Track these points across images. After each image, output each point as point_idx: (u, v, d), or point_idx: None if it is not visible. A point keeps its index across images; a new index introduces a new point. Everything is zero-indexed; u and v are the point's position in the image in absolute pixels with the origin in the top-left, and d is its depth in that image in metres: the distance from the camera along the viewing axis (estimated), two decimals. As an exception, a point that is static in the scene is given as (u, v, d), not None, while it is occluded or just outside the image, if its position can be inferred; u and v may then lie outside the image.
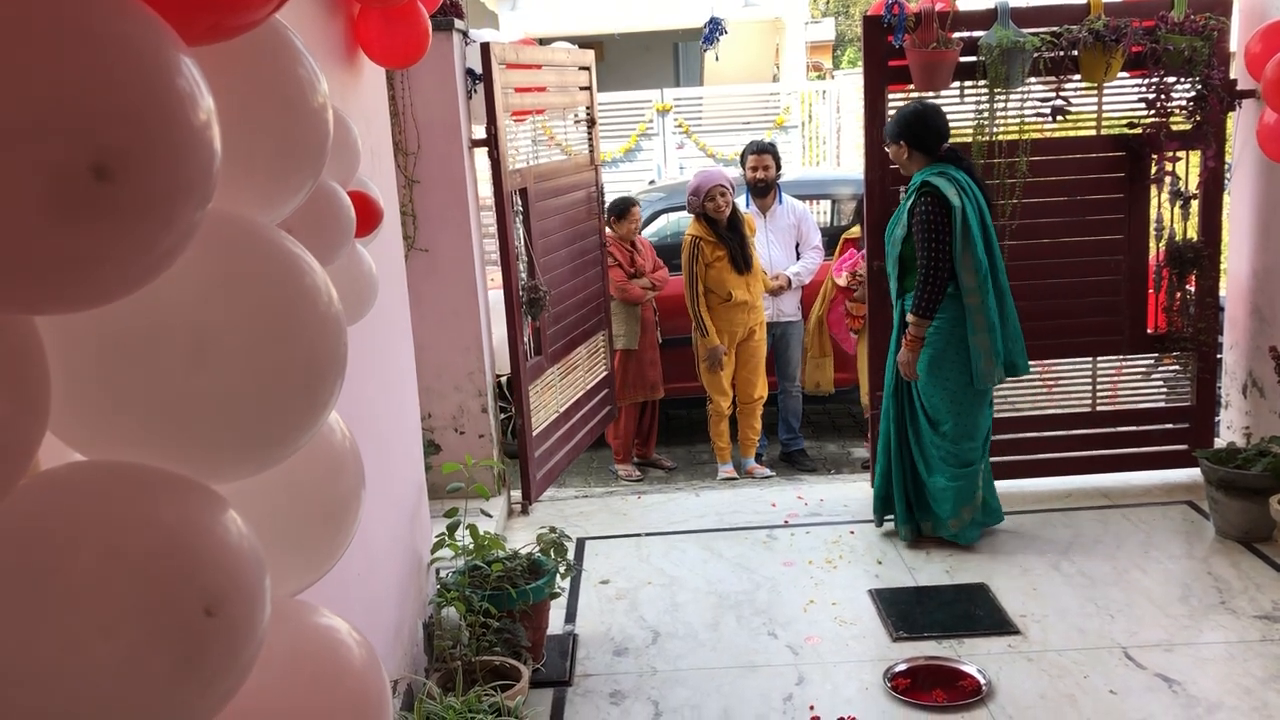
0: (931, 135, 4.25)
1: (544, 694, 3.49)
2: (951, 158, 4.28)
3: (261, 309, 1.04)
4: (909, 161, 4.31)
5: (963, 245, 4.14)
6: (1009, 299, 4.27)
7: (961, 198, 4.13)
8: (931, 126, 4.26)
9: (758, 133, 12.07)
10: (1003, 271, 4.26)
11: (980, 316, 4.18)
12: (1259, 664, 3.46)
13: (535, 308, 4.98)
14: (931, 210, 4.13)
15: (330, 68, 2.85)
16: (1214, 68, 4.56)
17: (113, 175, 0.78)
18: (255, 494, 1.11)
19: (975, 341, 4.20)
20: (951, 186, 4.13)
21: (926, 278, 4.17)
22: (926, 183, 4.17)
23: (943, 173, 4.19)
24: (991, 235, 4.24)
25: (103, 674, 0.84)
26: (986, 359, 4.20)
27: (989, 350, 4.19)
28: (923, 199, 4.16)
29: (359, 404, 2.90)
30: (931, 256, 4.14)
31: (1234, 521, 4.36)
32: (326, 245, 1.82)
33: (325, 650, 1.18)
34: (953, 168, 4.22)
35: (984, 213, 4.22)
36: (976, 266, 4.15)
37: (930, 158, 4.27)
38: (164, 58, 0.85)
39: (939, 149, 4.27)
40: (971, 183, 4.22)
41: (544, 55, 5.34)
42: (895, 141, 4.33)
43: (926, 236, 4.14)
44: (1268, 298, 4.81)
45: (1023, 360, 4.29)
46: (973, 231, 4.13)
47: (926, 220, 4.14)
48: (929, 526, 4.49)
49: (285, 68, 1.20)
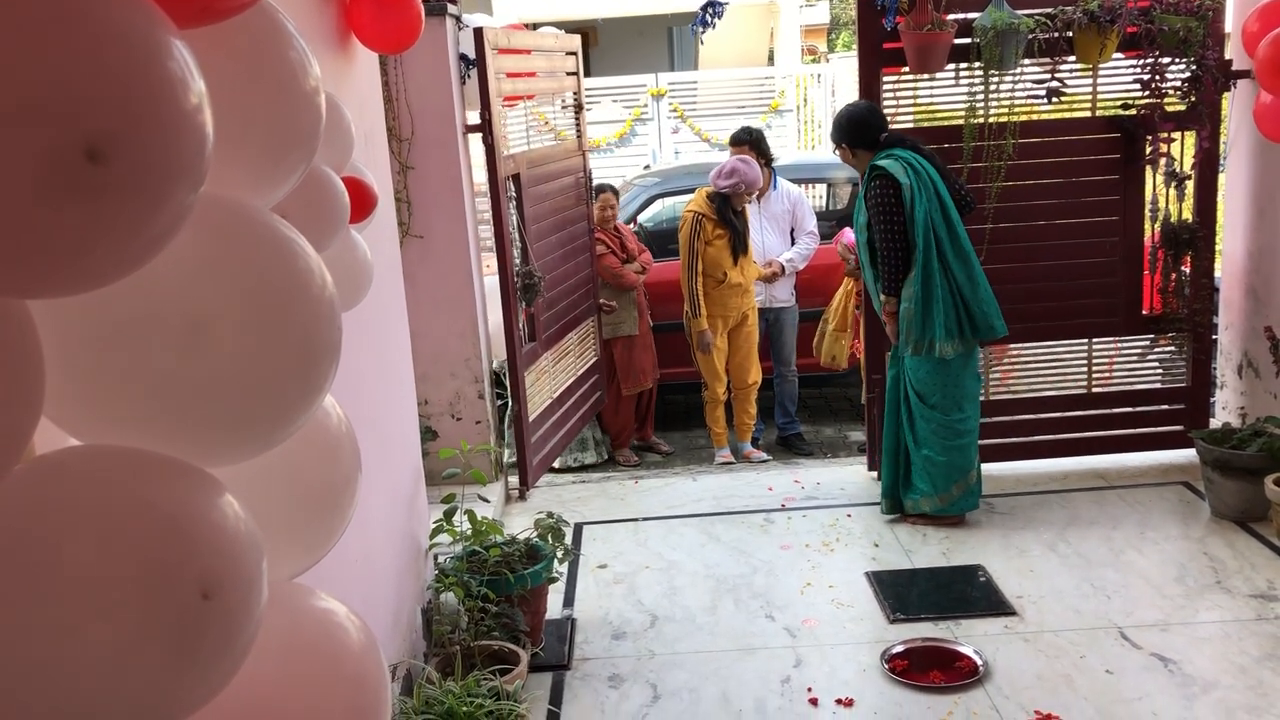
0: (868, 131, 4.43)
1: (543, 678, 3.51)
2: (895, 142, 4.39)
3: (255, 293, 1.04)
4: (856, 160, 4.50)
5: (909, 219, 4.24)
6: (974, 263, 4.32)
7: (909, 174, 4.24)
8: (864, 124, 4.43)
9: (753, 117, 12.04)
10: (965, 239, 4.32)
11: (912, 289, 4.27)
12: (1254, 643, 3.48)
13: (530, 293, 4.97)
14: (882, 190, 4.28)
15: (323, 53, 2.84)
16: (1209, 48, 4.55)
17: (105, 158, 0.78)
18: (251, 478, 1.11)
19: (903, 311, 4.32)
20: (899, 165, 4.26)
21: (885, 255, 4.31)
22: (875, 166, 4.33)
23: (889, 155, 4.32)
24: (949, 206, 4.30)
25: (99, 658, 0.84)
26: (916, 329, 4.28)
27: (913, 321, 4.28)
28: (873, 182, 4.32)
29: (355, 390, 2.90)
30: (887, 234, 4.28)
31: (1229, 502, 4.37)
32: (321, 231, 1.81)
33: (323, 633, 1.18)
34: (899, 149, 4.34)
35: (938, 185, 4.28)
36: (915, 243, 4.24)
37: (873, 151, 4.41)
38: (156, 41, 0.85)
39: (879, 140, 4.41)
40: (920, 159, 4.30)
41: (533, 40, 5.33)
42: (838, 146, 4.52)
43: (881, 216, 4.29)
44: (1263, 278, 4.81)
45: (999, 322, 4.33)
46: (917, 206, 4.22)
47: (879, 201, 4.29)
48: (911, 504, 4.51)
49: (277, 51, 1.19)
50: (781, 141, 11.96)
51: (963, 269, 4.27)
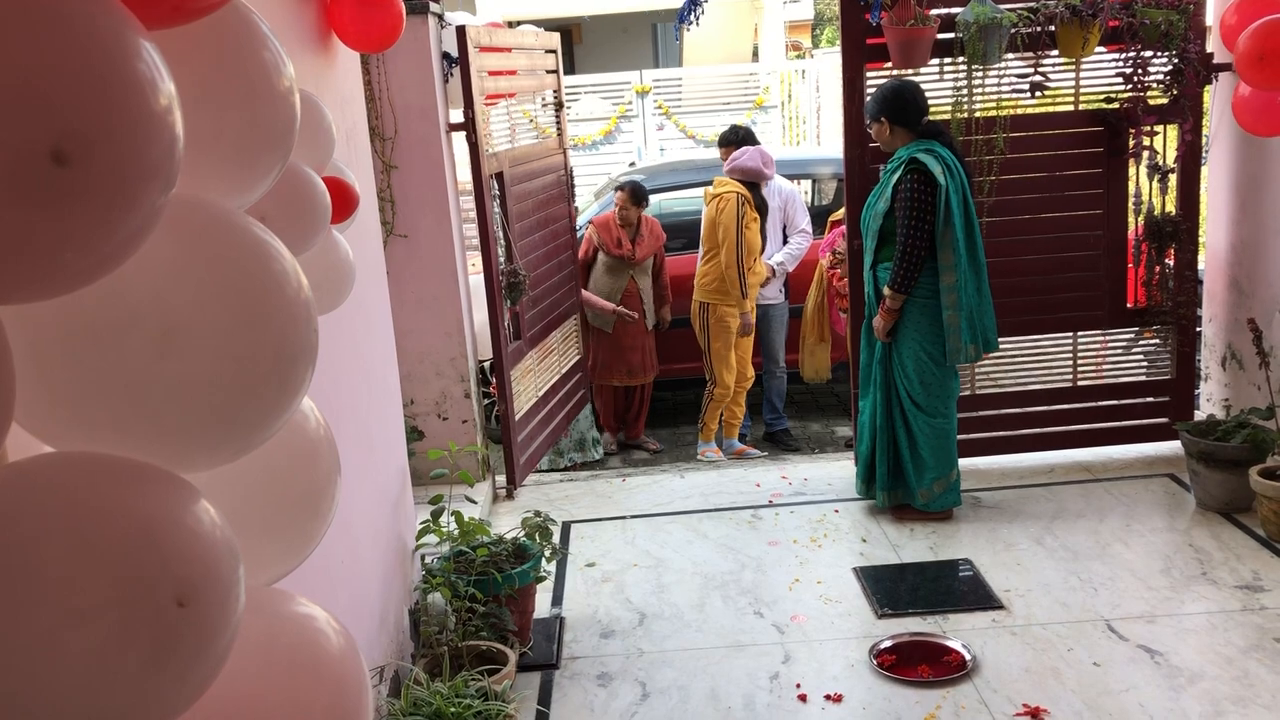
0: (911, 111, 4.28)
1: (531, 677, 3.50)
2: (933, 132, 4.30)
3: (229, 295, 1.02)
4: (891, 138, 4.33)
5: (944, 224, 4.16)
6: (985, 276, 4.30)
7: (946, 176, 4.15)
8: (911, 102, 4.28)
9: (738, 113, 12.04)
10: (981, 249, 4.28)
11: (954, 295, 4.21)
12: (1240, 634, 3.49)
13: (515, 292, 4.96)
14: (917, 187, 4.16)
15: (302, 52, 2.82)
16: (1190, 41, 4.57)
17: (71, 160, 0.77)
18: (228, 482, 1.10)
19: (948, 319, 4.24)
20: (938, 165, 4.15)
21: (904, 253, 4.20)
22: (915, 159, 4.19)
23: (930, 150, 4.21)
24: (972, 214, 4.26)
25: (74, 666, 0.83)
26: (955, 337, 4.24)
27: (956, 329, 4.23)
28: (909, 175, 4.19)
29: (340, 391, 2.89)
30: (911, 232, 4.17)
31: (1214, 493, 4.39)
32: (302, 232, 1.80)
33: (302, 639, 1.17)
34: (938, 145, 4.24)
35: (966, 191, 4.23)
36: (954, 245, 4.17)
37: (912, 134, 4.29)
38: (123, 42, 0.84)
39: (920, 124, 4.30)
40: (955, 160, 4.23)
41: (514, 38, 5.32)
42: (876, 119, 4.34)
43: (910, 212, 4.16)
44: (1246, 270, 4.83)
45: (994, 336, 4.35)
46: (954, 211, 4.15)
47: (911, 197, 4.16)
48: (903, 494, 4.53)
49: (249, 51, 1.18)
50: (766, 138, 11.95)
51: (975, 281, 4.25)
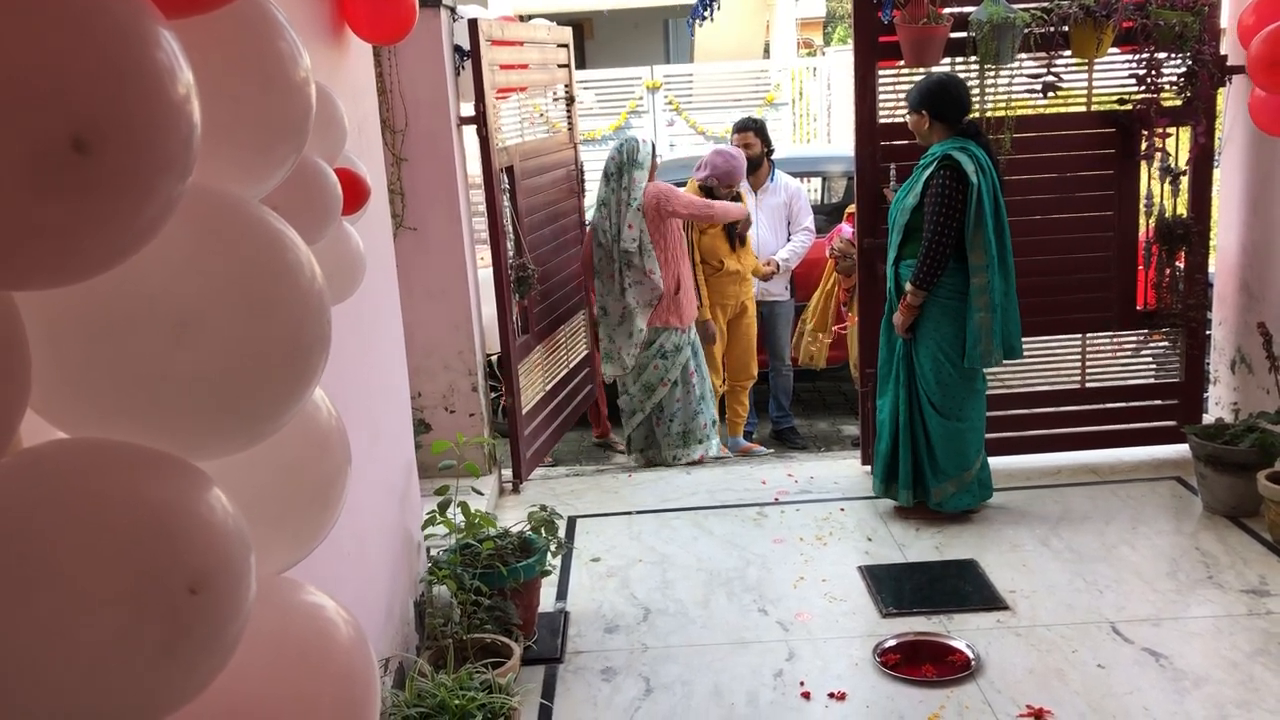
0: (954, 106, 4.22)
1: (535, 671, 3.50)
2: (971, 131, 4.26)
3: (243, 284, 1.03)
4: (929, 132, 4.27)
5: (975, 224, 4.13)
6: (1014, 281, 4.27)
7: (979, 176, 4.11)
8: (955, 97, 4.22)
9: (749, 110, 12.02)
10: (1010, 252, 4.25)
11: (985, 297, 4.18)
12: (1245, 638, 3.49)
13: (523, 286, 4.97)
14: (949, 184, 4.11)
15: (315, 43, 2.83)
16: (1205, 43, 4.55)
17: (91, 148, 0.78)
18: (240, 471, 1.11)
19: (976, 320, 4.20)
20: (972, 164, 4.11)
21: (930, 250, 4.15)
22: (949, 156, 4.14)
23: (964, 148, 4.16)
24: (1003, 216, 4.22)
25: (86, 653, 0.83)
26: (986, 340, 4.20)
27: (988, 331, 4.19)
28: (941, 172, 4.14)
29: (348, 383, 2.89)
30: (939, 230, 4.13)
31: (1222, 497, 4.38)
32: (313, 223, 1.80)
33: (312, 628, 1.17)
34: (973, 143, 4.20)
35: (998, 192, 4.20)
36: (986, 246, 4.14)
37: (951, 130, 4.24)
38: (143, 30, 0.84)
39: (960, 121, 4.25)
40: (989, 161, 4.20)
41: (526, 32, 5.32)
42: (917, 111, 4.28)
43: (939, 210, 4.12)
44: (1256, 274, 4.82)
45: (1019, 343, 4.31)
46: (985, 211, 4.13)
47: (942, 194, 4.12)
48: (922, 493, 4.50)
49: (266, 41, 1.19)
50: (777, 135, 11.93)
51: (1003, 284, 4.22)
